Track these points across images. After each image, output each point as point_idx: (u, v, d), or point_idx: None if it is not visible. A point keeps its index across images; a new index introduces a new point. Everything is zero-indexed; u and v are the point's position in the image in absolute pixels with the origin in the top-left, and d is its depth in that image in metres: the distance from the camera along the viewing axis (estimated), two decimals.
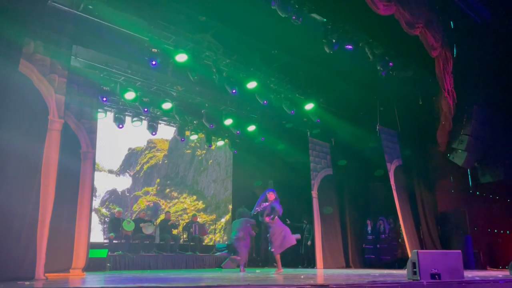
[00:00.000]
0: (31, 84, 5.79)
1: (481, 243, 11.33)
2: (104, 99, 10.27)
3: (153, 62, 8.39)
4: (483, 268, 10.63)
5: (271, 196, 7.93)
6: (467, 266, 9.56)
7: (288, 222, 12.63)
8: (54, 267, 5.85)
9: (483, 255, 11.30)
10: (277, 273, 7.68)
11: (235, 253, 9.36)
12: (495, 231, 12.27)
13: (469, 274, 6.26)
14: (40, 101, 5.89)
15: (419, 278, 4.89)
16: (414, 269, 5.00)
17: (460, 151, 10.26)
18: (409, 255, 6.16)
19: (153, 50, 8.46)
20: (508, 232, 12.55)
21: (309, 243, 11.91)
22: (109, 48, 8.72)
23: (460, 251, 5.58)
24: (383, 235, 11.59)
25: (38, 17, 5.83)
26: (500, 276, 5.84)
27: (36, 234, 5.47)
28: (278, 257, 7.88)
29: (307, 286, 4.03)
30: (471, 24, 10.08)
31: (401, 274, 6.41)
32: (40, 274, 5.37)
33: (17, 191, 5.37)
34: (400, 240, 11.04)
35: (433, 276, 4.95)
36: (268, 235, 8.01)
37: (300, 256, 12.40)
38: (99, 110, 10.23)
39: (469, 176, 12.08)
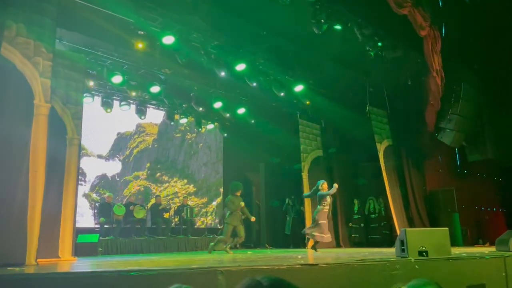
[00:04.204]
0: (15, 68, 5.64)
1: (468, 220, 11.54)
2: (91, 83, 10.15)
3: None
4: (471, 245, 10.84)
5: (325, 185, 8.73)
6: (455, 243, 9.74)
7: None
8: (42, 253, 5.81)
9: (471, 232, 11.53)
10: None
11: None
12: (482, 208, 12.50)
13: (456, 251, 6.39)
14: (25, 85, 5.74)
15: (407, 256, 4.97)
16: (403, 247, 5.09)
17: (448, 130, 10.34)
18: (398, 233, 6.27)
19: (139, 32, 8.32)
20: (495, 209, 12.80)
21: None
22: (95, 31, 8.53)
23: (447, 228, 5.68)
24: (373, 215, 11.74)
25: None
26: (487, 252, 5.97)
27: (27, 219, 5.42)
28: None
29: (297, 266, 4.07)
30: (460, 3, 10.05)
31: (390, 252, 6.51)
32: (31, 260, 5.34)
33: (5, 176, 5.29)
34: (389, 219, 11.19)
35: (420, 253, 5.04)
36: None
37: (290, 237, 12.55)
38: (86, 94, 10.08)
39: (457, 155, 12.24)
